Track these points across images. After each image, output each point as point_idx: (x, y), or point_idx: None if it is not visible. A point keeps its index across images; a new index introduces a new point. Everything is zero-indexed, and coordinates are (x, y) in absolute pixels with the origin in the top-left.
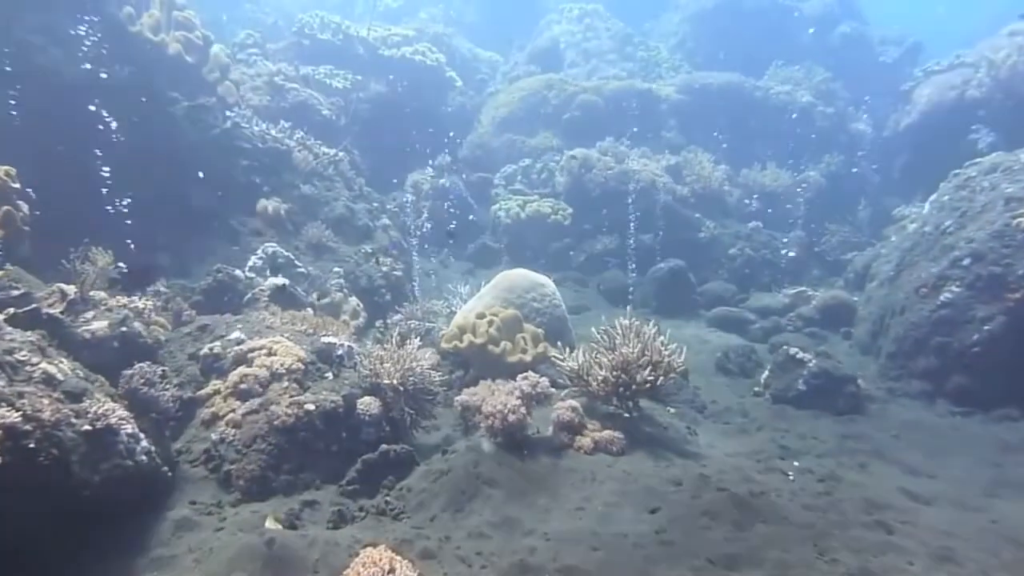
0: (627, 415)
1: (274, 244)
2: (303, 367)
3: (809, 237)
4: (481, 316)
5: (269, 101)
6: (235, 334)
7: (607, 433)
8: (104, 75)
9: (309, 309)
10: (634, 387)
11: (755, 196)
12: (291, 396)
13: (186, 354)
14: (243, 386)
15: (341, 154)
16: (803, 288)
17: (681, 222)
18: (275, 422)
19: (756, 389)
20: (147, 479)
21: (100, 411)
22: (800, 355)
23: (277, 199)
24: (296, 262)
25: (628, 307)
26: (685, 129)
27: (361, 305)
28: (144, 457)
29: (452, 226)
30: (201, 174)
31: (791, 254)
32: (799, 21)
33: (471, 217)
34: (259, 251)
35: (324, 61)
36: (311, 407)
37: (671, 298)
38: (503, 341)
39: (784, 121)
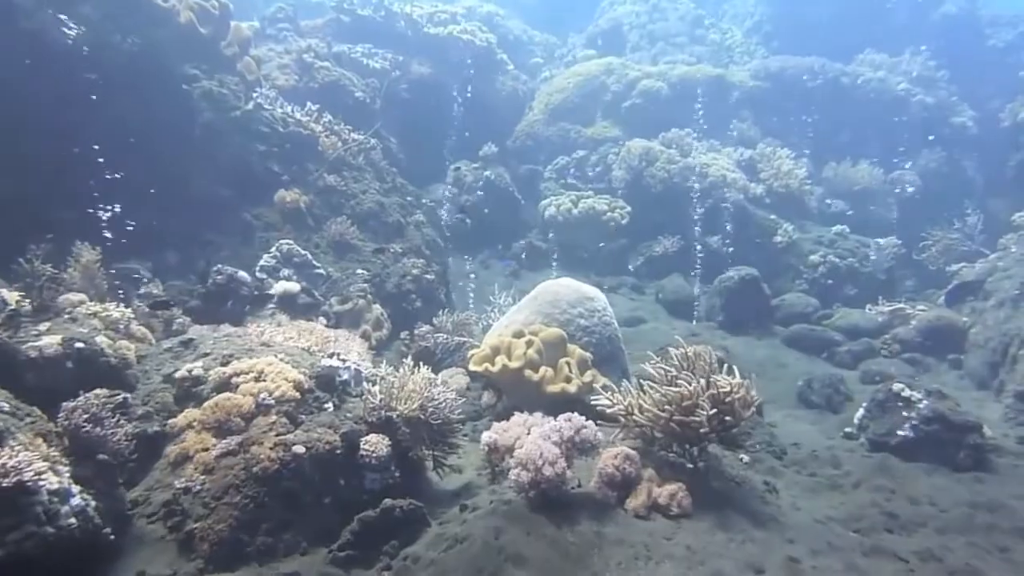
0: (690, 465)
1: (290, 241)
2: (298, 396)
3: (904, 244)
4: (519, 334)
5: (297, 81)
6: (222, 350)
7: (667, 489)
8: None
9: (322, 319)
10: (697, 431)
11: (840, 196)
12: (278, 434)
13: (161, 376)
14: (221, 418)
15: (373, 141)
16: (899, 304)
17: (754, 224)
18: (255, 468)
19: (848, 430)
20: (76, 549)
21: (11, 463)
22: (907, 393)
23: (297, 190)
24: (314, 262)
25: (693, 320)
26: (760, 120)
27: (385, 314)
28: (74, 520)
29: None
30: (214, 161)
31: (887, 264)
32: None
33: (517, 214)
34: (273, 249)
35: (364, 40)
36: (300, 449)
37: (741, 311)
38: (543, 367)
39: (876, 112)
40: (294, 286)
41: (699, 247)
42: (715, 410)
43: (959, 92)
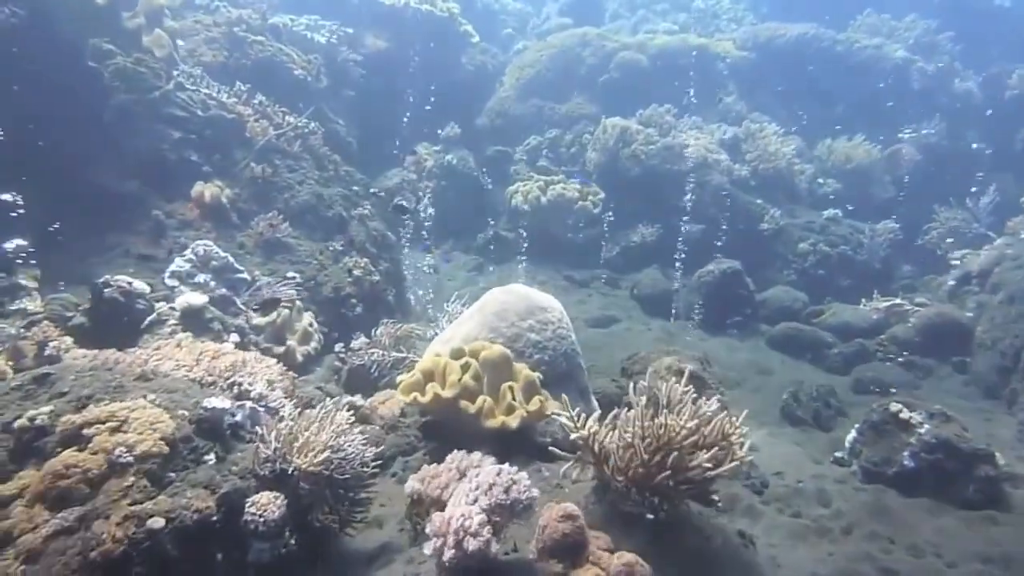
0: (651, 515)
1: (208, 242)
2: (166, 451)
3: (902, 228)
4: (457, 354)
5: (226, 58)
6: (83, 389)
7: (624, 560)
8: None
9: (234, 336)
10: (678, 479)
11: (832, 176)
12: (133, 502)
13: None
14: (61, 484)
15: (312, 125)
16: (896, 300)
17: (739, 210)
18: (92, 553)
19: (839, 455)
20: None
21: None
22: (906, 415)
23: (219, 182)
24: (236, 265)
25: (671, 319)
26: (747, 94)
27: (315, 324)
28: None
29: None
30: (119, 149)
31: (883, 252)
32: None
33: (483, 201)
34: (188, 251)
35: (311, 11)
36: (158, 522)
37: (723, 309)
38: (480, 396)
39: (872, 82)
40: (198, 299)
41: (678, 236)
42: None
43: (962, 57)
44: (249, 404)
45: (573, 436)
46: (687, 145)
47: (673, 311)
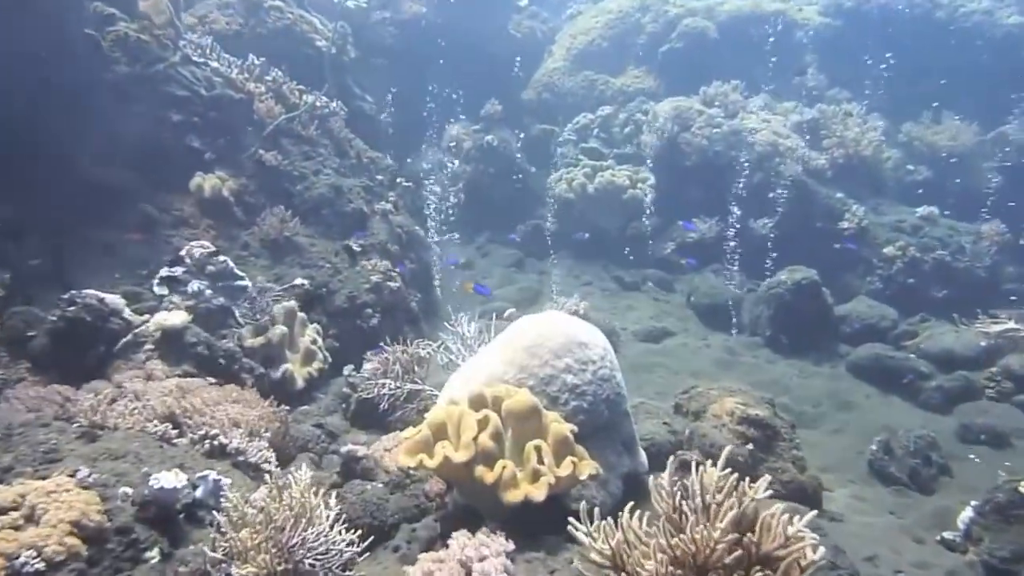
0: None
1: (205, 242)
2: (84, 553)
3: (1009, 228)
4: (479, 401)
5: (241, 26)
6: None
7: None
8: None
9: (222, 362)
10: None
11: (923, 162)
12: None
13: None
14: None
15: (334, 104)
16: (1011, 324)
17: (814, 205)
18: None
19: (948, 536)
20: None
21: None
22: None
23: (223, 173)
24: (236, 271)
25: (733, 332)
26: (830, 67)
27: (320, 341)
28: None
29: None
30: (111, 131)
31: (988, 260)
32: None
33: (527, 187)
34: (182, 253)
35: None
36: None
37: (795, 326)
38: (500, 461)
39: (975, 54)
40: (177, 318)
41: (742, 234)
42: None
43: None
44: (213, 476)
45: (593, 556)
46: (756, 130)
47: (734, 325)
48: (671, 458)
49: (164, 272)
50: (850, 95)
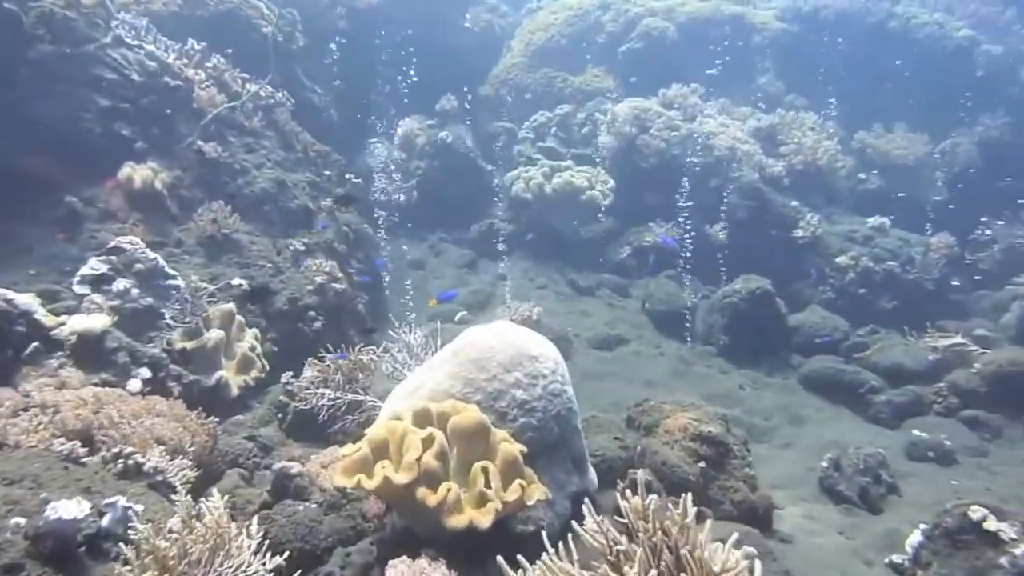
0: None
1: (133, 238)
2: None
3: (956, 241)
4: (423, 417)
5: (180, 8)
6: None
7: None
8: None
9: (145, 370)
10: None
11: (873, 170)
12: None
13: None
14: None
15: (279, 95)
16: (958, 338)
17: (771, 211)
18: None
19: (897, 560)
20: None
21: None
22: (993, 525)
23: (155, 164)
24: (168, 270)
25: (687, 341)
26: (786, 72)
27: (258, 347)
28: None
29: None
30: (30, 116)
31: (937, 272)
32: None
33: (481, 185)
34: (107, 249)
35: None
36: None
37: (749, 336)
38: (444, 484)
39: (927, 65)
40: (97, 321)
41: (696, 240)
42: None
43: None
44: (122, 502)
45: None
46: (714, 133)
47: (688, 334)
48: (618, 483)
49: (86, 269)
50: (807, 102)
